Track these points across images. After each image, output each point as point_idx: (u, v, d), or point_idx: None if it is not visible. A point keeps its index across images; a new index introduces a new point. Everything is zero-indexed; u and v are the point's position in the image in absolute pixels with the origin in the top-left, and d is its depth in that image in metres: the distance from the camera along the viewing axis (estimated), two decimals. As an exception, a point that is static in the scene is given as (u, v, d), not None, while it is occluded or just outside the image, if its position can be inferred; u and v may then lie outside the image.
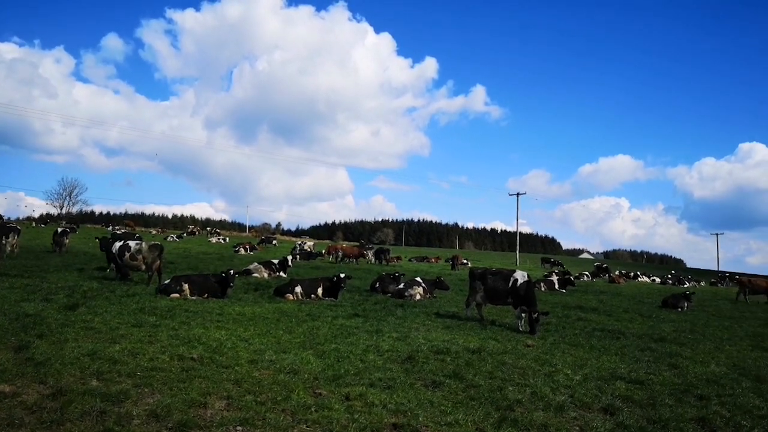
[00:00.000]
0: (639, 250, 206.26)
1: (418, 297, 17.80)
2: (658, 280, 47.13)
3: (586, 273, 43.58)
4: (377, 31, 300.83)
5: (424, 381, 7.88)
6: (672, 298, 21.70)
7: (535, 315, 12.62)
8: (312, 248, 44.60)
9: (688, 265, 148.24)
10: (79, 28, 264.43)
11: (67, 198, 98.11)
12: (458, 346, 10.47)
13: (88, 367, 7.01)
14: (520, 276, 13.80)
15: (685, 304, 21.18)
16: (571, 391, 7.94)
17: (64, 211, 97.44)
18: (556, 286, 26.91)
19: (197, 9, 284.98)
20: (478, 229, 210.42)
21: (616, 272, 46.90)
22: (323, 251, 43.27)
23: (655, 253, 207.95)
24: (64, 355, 7.45)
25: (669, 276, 49.44)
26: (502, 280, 13.95)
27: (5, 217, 65.91)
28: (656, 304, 22.37)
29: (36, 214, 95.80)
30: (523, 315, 13.21)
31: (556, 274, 33.58)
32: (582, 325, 14.43)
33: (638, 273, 50.93)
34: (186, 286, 14.76)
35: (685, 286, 42.65)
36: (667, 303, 21.36)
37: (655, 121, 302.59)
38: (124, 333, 9.39)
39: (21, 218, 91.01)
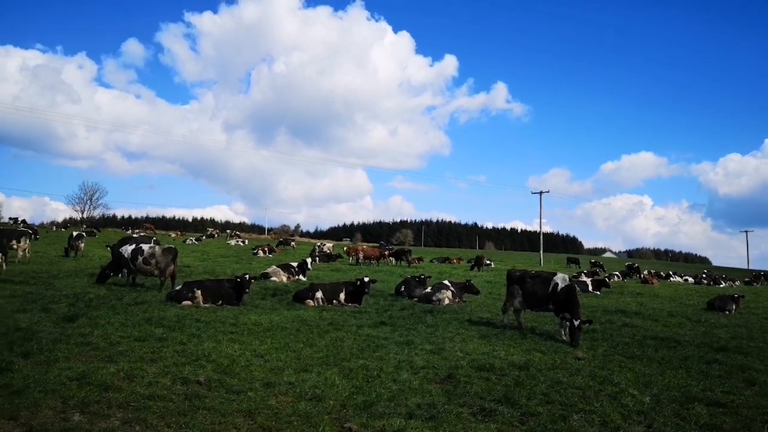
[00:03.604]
0: (663, 249, 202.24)
1: (446, 301, 16.57)
2: (691, 279, 45.11)
3: (617, 273, 41.84)
4: (396, 30, 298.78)
5: (471, 408, 6.65)
6: (719, 300, 20.20)
7: (577, 323, 11.31)
8: (331, 250, 43.57)
9: (714, 264, 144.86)
10: (100, 34, 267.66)
11: (89, 202, 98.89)
12: (501, 360, 9.23)
13: (72, 396, 5.92)
14: (561, 280, 12.48)
15: (733, 307, 19.69)
16: (646, 418, 6.68)
17: (85, 215, 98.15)
18: (590, 288, 25.41)
19: (215, 11, 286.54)
20: (497, 228, 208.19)
21: (647, 272, 45.04)
22: (344, 249, 42.26)
23: (680, 252, 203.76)
24: (48, 380, 6.38)
25: (703, 275, 47.38)
26: (542, 284, 12.65)
27: (28, 222, 66.19)
28: (700, 306, 21.03)
29: (60, 219, 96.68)
30: (564, 323, 11.93)
31: (586, 274, 32.12)
32: (630, 332, 13.12)
33: (670, 273, 48.92)
34: (199, 292, 13.72)
35: (721, 285, 40.70)
36: (714, 305, 19.90)
37: (679, 117, 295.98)
38: (124, 349, 8.32)
39: (45, 223, 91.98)
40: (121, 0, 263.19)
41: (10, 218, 75.19)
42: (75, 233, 29.79)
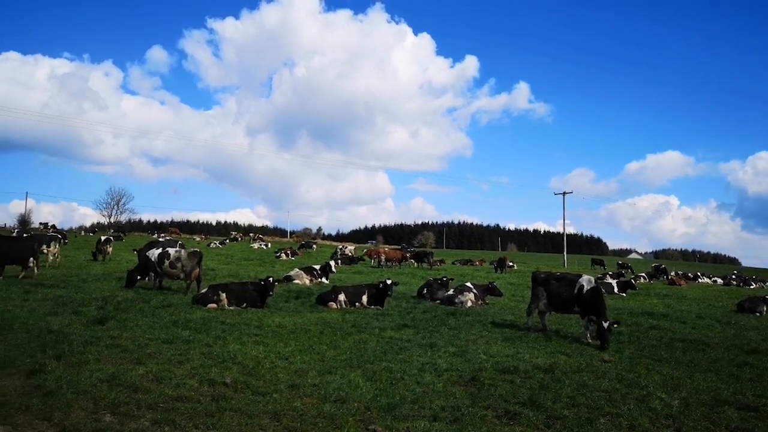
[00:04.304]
0: (690, 250, 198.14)
1: (469, 304, 16.49)
2: (720, 281, 44.13)
3: (643, 274, 41.15)
4: (416, 32, 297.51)
5: (496, 411, 6.61)
6: (749, 302, 19.77)
7: (606, 325, 11.15)
8: (353, 252, 43.68)
9: (744, 265, 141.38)
10: (125, 42, 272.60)
11: (115, 207, 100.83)
12: (526, 363, 9.16)
13: (103, 397, 6.04)
14: (587, 281, 12.32)
15: (764, 309, 19.26)
16: (674, 422, 6.56)
17: (112, 219, 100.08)
18: (615, 290, 25.04)
19: (237, 17, 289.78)
20: (520, 230, 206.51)
21: (674, 273, 44.20)
22: (364, 251, 42.32)
23: (708, 252, 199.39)
24: (80, 382, 6.52)
25: (733, 276, 46.29)
26: (567, 286, 12.51)
27: (57, 227, 67.73)
28: (729, 308, 20.62)
29: (88, 224, 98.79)
30: (590, 325, 11.79)
31: (611, 276, 31.65)
32: (657, 335, 12.91)
33: (698, 274, 47.91)
34: (223, 295, 13.91)
35: (751, 287, 39.72)
36: (744, 307, 19.49)
37: (706, 115, 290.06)
38: (152, 351, 8.47)
39: (74, 227, 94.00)
40: (145, 8, 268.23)
41: (40, 223, 77.28)
42: (103, 238, 30.37)
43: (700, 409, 7.12)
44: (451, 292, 17.37)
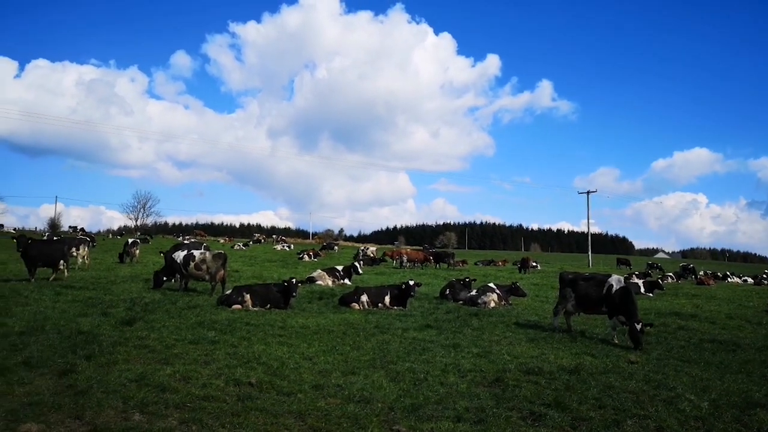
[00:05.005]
0: (719, 248, 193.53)
1: (492, 304, 16.40)
2: (750, 280, 43.05)
3: (670, 274, 40.40)
4: (437, 31, 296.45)
5: (521, 412, 6.57)
6: (781, 302, 19.22)
7: (639, 326, 10.98)
8: (375, 253, 43.77)
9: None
10: (150, 48, 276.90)
11: (142, 210, 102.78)
12: (551, 364, 9.07)
13: (132, 397, 6.17)
14: (616, 281, 12.16)
15: (798, 309, 18.70)
16: (704, 424, 6.43)
17: (139, 222, 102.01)
18: (642, 290, 24.62)
19: (258, 21, 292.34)
20: (543, 230, 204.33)
21: (703, 272, 43.30)
22: (383, 253, 42.36)
23: (737, 251, 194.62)
24: (109, 381, 6.67)
25: (764, 276, 45.11)
26: (596, 286, 12.36)
27: (86, 230, 69.26)
28: (760, 308, 20.08)
29: (115, 227, 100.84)
30: (617, 326, 11.64)
31: (637, 276, 31.13)
32: (686, 336, 12.66)
33: (727, 273, 46.85)
34: (248, 296, 14.07)
35: (784, 286, 38.68)
36: (776, 307, 18.94)
37: (734, 111, 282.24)
38: (179, 351, 8.61)
39: (101, 231, 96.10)
40: (169, 14, 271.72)
41: (69, 227, 79.27)
42: (130, 240, 30.91)
43: (731, 411, 6.97)
44: (474, 292, 17.29)
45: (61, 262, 18.17)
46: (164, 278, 17.46)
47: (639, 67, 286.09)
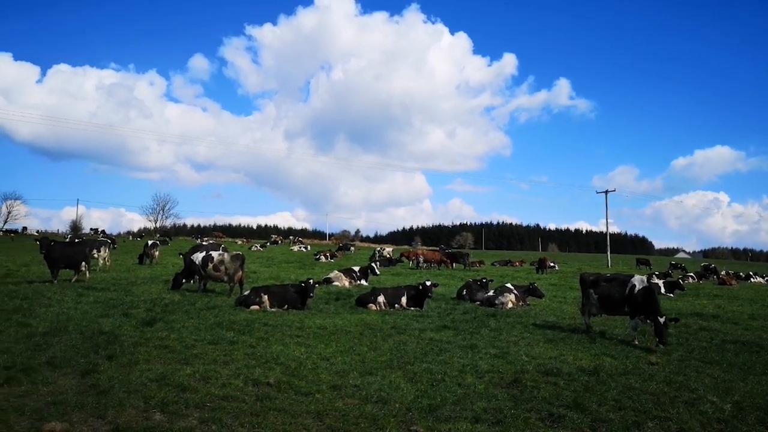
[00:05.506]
0: (742, 248, 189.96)
1: (510, 305, 16.30)
2: (774, 280, 42.26)
3: (691, 274, 39.79)
4: (452, 31, 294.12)
5: (539, 413, 6.54)
6: (807, 302, 18.82)
7: (662, 320, 10.88)
8: (391, 254, 43.78)
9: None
10: (168, 51, 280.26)
11: (161, 212, 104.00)
12: (569, 365, 9.00)
13: (153, 396, 6.28)
14: (639, 281, 12.02)
15: (824, 309, 18.29)
16: (727, 426, 6.36)
17: (158, 224, 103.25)
18: (663, 290, 24.28)
19: (274, 23, 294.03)
20: (561, 230, 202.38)
21: (725, 272, 42.54)
22: (400, 254, 42.33)
23: (761, 251, 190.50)
24: (131, 381, 6.79)
25: (788, 276, 44.22)
26: (619, 287, 12.25)
27: (106, 232, 70.35)
28: (785, 308, 19.57)
29: (135, 228, 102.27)
30: (639, 326, 11.52)
31: (658, 276, 30.70)
32: (707, 336, 12.46)
33: (750, 273, 45.97)
34: (266, 297, 14.17)
35: (809, 286, 37.85)
36: (801, 308, 18.54)
37: (756, 107, 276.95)
38: (198, 352, 8.72)
39: (122, 232, 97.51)
40: (186, 18, 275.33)
41: (90, 229, 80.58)
42: (149, 242, 31.32)
43: (755, 413, 6.86)
44: (491, 293, 17.21)
45: (83, 263, 18.46)
46: (183, 280, 17.66)
47: (658, 64, 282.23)
